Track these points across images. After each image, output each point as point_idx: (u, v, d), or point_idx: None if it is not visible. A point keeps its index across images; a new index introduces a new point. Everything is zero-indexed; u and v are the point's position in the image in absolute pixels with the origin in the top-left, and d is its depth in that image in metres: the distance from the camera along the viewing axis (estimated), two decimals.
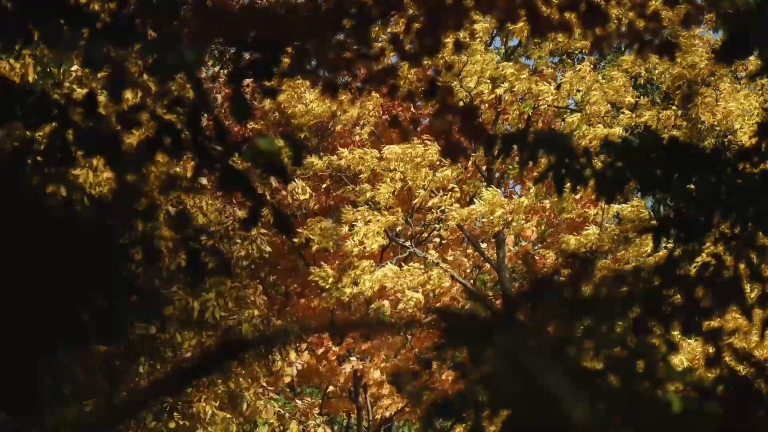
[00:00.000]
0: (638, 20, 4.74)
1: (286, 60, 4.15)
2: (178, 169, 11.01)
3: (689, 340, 15.85)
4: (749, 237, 3.54)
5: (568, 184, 3.65)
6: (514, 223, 17.18)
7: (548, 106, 17.88)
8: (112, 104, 3.48)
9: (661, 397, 2.92)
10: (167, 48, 3.59)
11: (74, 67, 12.02)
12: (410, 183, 17.26)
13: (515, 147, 3.80)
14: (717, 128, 17.73)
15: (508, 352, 2.94)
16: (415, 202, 17.68)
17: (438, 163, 17.41)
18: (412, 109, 18.62)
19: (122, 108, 3.47)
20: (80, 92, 12.30)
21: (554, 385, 2.76)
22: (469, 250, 19.63)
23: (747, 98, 17.76)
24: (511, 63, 17.75)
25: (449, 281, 17.34)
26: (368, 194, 17.44)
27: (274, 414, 13.99)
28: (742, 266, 3.36)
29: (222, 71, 17.60)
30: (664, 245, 3.62)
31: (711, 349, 3.15)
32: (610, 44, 4.85)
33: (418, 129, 17.86)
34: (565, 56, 19.67)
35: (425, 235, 19.29)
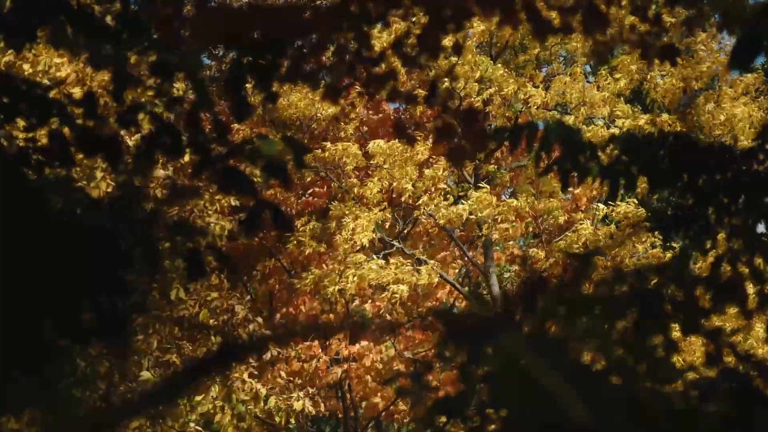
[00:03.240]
0: (640, 24, 4.74)
1: (286, 62, 4.15)
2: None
3: (691, 339, 15.81)
4: (753, 236, 3.54)
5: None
6: (503, 225, 17.10)
7: (537, 108, 17.86)
8: (113, 104, 3.48)
9: (662, 396, 2.92)
10: (169, 48, 3.60)
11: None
12: (395, 183, 17.20)
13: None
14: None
15: (506, 353, 2.93)
16: (403, 199, 17.63)
17: (425, 161, 17.37)
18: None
19: (122, 108, 3.47)
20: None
21: (553, 385, 2.76)
22: (456, 251, 19.59)
23: (747, 105, 17.77)
24: (499, 65, 17.74)
25: (437, 279, 17.20)
26: (356, 190, 17.38)
27: (251, 391, 13.96)
28: (741, 265, 3.36)
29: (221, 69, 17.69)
30: (672, 244, 3.61)
31: (712, 347, 3.15)
32: (611, 48, 4.85)
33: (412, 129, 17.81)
34: (554, 60, 19.69)
35: (411, 232, 19.23)
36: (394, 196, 17.85)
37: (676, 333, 3.09)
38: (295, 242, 17.39)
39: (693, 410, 2.90)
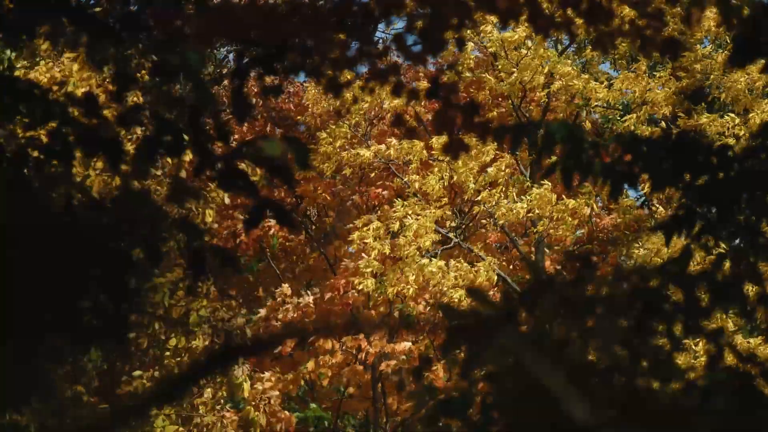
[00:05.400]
0: (640, 18, 4.74)
1: (290, 57, 4.15)
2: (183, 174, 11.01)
3: (692, 341, 15.71)
4: (755, 235, 3.54)
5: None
6: (560, 224, 16.90)
7: (597, 104, 17.80)
8: (113, 104, 3.49)
9: (663, 395, 2.92)
10: (170, 49, 3.60)
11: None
12: (456, 177, 17.05)
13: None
14: None
15: (508, 352, 2.94)
16: (466, 196, 17.44)
17: (489, 159, 17.27)
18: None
19: (123, 108, 3.47)
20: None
21: (555, 385, 2.76)
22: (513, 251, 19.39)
23: None
24: (569, 60, 17.69)
25: (496, 277, 16.89)
26: (417, 185, 17.21)
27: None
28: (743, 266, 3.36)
29: (225, 69, 17.67)
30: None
31: (713, 347, 3.15)
32: (613, 42, 4.85)
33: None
34: (618, 57, 19.53)
35: (471, 227, 19.02)
36: (455, 191, 17.69)
37: (677, 332, 3.10)
38: (357, 242, 17.02)
39: (694, 410, 2.90)
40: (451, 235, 17.78)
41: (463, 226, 18.66)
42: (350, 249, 17.66)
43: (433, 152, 17.23)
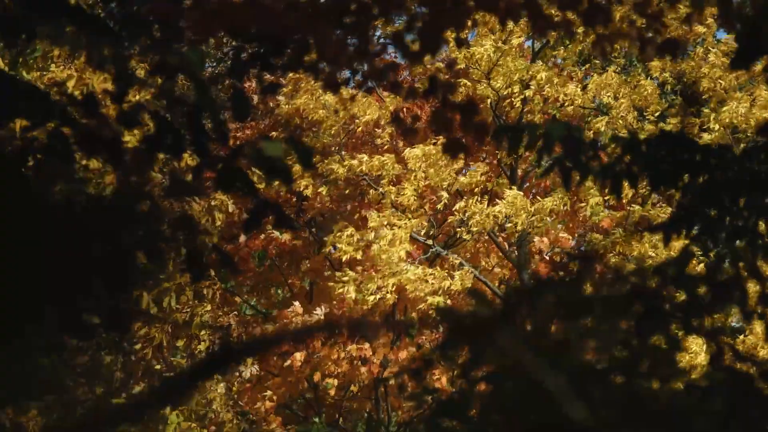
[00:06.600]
0: (639, 19, 4.74)
1: (287, 53, 4.15)
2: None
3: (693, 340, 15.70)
4: (754, 235, 3.55)
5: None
6: (538, 225, 16.89)
7: (574, 107, 17.81)
8: (113, 104, 3.48)
9: (663, 395, 2.92)
10: (169, 48, 3.60)
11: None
12: (431, 182, 17.09)
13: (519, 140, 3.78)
14: (749, 134, 17.32)
15: (507, 352, 2.94)
16: (438, 206, 17.51)
17: (462, 166, 17.31)
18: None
19: (123, 107, 3.47)
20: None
21: (554, 385, 2.77)
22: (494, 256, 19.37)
23: None
24: (541, 65, 17.68)
25: (472, 282, 16.93)
26: (393, 196, 17.24)
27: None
28: (742, 265, 3.36)
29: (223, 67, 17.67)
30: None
31: (712, 347, 3.16)
32: (612, 43, 4.85)
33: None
34: (592, 58, 19.52)
35: (449, 236, 19.04)
36: (431, 201, 17.72)
37: (678, 332, 3.10)
38: (330, 247, 17.10)
39: (693, 409, 2.90)
40: (429, 242, 17.80)
41: (441, 235, 18.66)
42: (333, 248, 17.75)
43: (403, 164, 17.26)
